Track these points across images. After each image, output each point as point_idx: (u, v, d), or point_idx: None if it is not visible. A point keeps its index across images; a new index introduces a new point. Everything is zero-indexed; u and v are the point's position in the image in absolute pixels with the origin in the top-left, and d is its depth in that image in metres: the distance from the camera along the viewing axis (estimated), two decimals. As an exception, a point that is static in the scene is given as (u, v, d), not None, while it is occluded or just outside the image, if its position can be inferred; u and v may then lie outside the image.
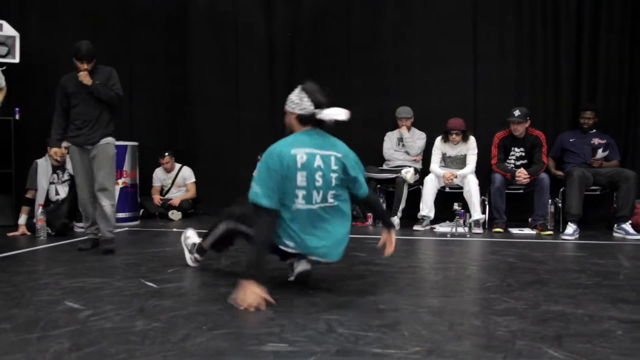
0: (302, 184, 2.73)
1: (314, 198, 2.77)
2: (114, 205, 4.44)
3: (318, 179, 2.76)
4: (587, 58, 6.11)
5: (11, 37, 5.98)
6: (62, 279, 3.29)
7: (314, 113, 2.81)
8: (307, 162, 2.74)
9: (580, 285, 3.12)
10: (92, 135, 4.30)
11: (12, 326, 2.34)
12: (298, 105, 2.85)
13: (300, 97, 2.85)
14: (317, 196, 2.77)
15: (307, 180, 2.73)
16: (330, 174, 2.79)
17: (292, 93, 2.91)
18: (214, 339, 2.16)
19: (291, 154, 2.73)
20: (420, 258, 4.22)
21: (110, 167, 4.39)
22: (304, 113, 2.84)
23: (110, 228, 4.35)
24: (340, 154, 2.86)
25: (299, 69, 6.94)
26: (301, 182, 2.73)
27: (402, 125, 6.19)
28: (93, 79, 4.25)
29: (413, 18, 6.56)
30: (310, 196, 2.75)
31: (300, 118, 2.86)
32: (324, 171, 2.77)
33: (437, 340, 2.15)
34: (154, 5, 7.18)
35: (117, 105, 4.42)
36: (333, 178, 2.80)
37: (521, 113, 5.49)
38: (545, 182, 5.43)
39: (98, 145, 4.31)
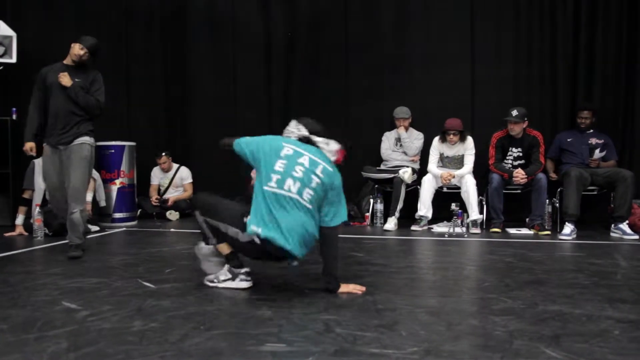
0: (279, 169, 2.81)
1: (288, 184, 2.78)
2: (84, 210, 4.18)
3: (298, 171, 2.81)
4: (584, 58, 6.12)
5: (8, 37, 5.97)
6: (60, 279, 3.28)
7: (308, 137, 2.99)
8: (291, 155, 2.86)
9: (577, 285, 3.13)
10: (65, 135, 4.13)
11: (9, 326, 2.33)
12: (293, 134, 3.04)
13: (295, 125, 3.06)
14: (292, 185, 2.78)
15: (285, 167, 2.81)
16: (312, 175, 2.81)
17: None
18: (212, 339, 2.16)
19: (281, 144, 2.92)
20: (417, 258, 4.23)
21: (84, 169, 4.14)
22: (299, 135, 3.01)
23: (79, 234, 4.11)
24: (331, 169, 2.90)
25: (297, 68, 6.96)
26: (278, 168, 2.81)
27: (400, 126, 6.19)
28: (76, 75, 4.11)
29: (411, 18, 6.56)
30: (283, 182, 2.78)
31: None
32: (306, 169, 2.82)
33: (434, 340, 2.15)
34: (152, 5, 7.18)
35: (94, 114, 4.23)
36: (314, 180, 2.82)
37: (519, 113, 5.50)
38: (543, 182, 5.44)
39: (71, 145, 4.13)
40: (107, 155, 6.18)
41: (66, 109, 4.12)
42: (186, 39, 7.15)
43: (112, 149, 6.20)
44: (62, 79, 4.07)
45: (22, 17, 6.61)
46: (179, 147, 7.21)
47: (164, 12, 7.19)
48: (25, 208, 5.40)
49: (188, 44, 7.15)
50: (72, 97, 4.10)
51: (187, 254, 4.19)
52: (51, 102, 4.14)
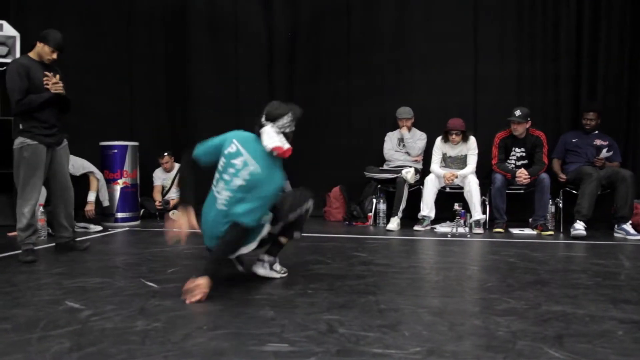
0: (219, 168, 3.00)
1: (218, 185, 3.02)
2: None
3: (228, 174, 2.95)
4: (587, 57, 6.11)
5: (11, 37, 5.97)
6: (63, 279, 3.29)
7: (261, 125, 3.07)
8: (233, 153, 2.98)
9: (581, 285, 3.12)
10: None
11: (12, 326, 2.34)
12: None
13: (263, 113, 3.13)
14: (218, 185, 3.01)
15: (222, 167, 2.99)
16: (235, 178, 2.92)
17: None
18: (215, 339, 2.16)
19: (231, 139, 3.04)
20: (420, 258, 4.22)
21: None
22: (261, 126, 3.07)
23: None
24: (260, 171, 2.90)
25: (299, 69, 6.96)
26: (219, 167, 3.00)
27: (403, 126, 6.19)
28: (47, 71, 4.03)
29: (413, 18, 6.55)
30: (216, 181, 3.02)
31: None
32: (235, 171, 2.93)
33: (437, 341, 2.15)
34: (153, 5, 7.19)
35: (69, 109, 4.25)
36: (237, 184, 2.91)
37: (522, 113, 5.49)
38: (546, 183, 5.42)
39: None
40: (110, 155, 6.19)
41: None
42: (188, 39, 7.15)
43: (115, 149, 6.21)
44: (57, 88, 4.00)
45: (26, 18, 6.62)
46: (181, 147, 7.19)
47: (165, 12, 7.19)
48: (28, 208, 5.40)
49: (190, 44, 7.15)
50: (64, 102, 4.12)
51: (189, 253, 4.19)
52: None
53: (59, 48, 4.09)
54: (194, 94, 7.16)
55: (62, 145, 4.26)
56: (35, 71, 4.00)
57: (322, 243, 4.74)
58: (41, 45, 4.06)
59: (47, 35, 4.06)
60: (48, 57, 4.07)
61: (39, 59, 4.08)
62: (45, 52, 4.06)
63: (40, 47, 4.06)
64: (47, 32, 4.09)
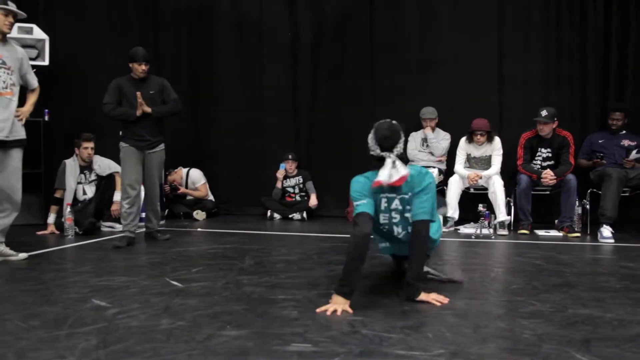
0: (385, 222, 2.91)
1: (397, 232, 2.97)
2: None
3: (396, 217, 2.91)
4: (615, 56, 5.99)
5: (41, 40, 6.10)
6: (90, 277, 3.35)
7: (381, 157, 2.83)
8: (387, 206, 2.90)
9: (609, 288, 3.07)
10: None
11: (41, 323, 2.39)
12: (370, 147, 2.88)
13: (371, 139, 2.87)
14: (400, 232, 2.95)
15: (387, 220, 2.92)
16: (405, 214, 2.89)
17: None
18: (238, 339, 2.18)
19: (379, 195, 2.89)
20: (444, 260, 4.19)
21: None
22: (373, 154, 2.87)
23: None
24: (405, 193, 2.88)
25: (322, 69, 6.96)
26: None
27: (427, 126, 6.16)
28: (148, 88, 4.66)
29: (437, 17, 6.51)
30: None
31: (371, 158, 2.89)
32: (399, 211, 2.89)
33: (461, 343, 2.13)
34: (179, 7, 7.27)
35: (179, 111, 4.97)
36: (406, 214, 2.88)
37: (548, 113, 5.41)
38: (573, 184, 5.33)
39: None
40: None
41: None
42: (213, 41, 7.22)
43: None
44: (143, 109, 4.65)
45: (54, 21, 6.75)
46: (205, 147, 7.29)
47: (191, 13, 7.27)
48: (56, 207, 5.52)
49: (215, 45, 7.22)
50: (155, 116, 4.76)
51: (213, 253, 4.23)
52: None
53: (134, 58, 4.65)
54: (218, 95, 7.23)
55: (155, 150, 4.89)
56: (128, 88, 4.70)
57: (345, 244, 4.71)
58: (131, 65, 4.68)
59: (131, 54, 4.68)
60: (139, 72, 4.68)
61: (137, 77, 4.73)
62: (135, 69, 4.70)
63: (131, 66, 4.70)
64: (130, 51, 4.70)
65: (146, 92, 4.68)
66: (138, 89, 4.65)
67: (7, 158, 3.95)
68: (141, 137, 4.74)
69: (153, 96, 4.74)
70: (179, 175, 6.98)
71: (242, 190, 7.13)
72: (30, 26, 6.07)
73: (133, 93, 4.62)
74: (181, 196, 6.92)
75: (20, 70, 4.05)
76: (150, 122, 4.74)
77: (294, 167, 6.74)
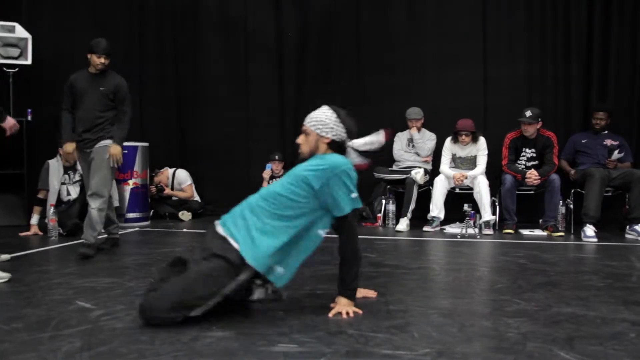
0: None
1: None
2: (102, 209, 4.23)
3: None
4: (598, 57, 6.05)
5: (23, 39, 6.04)
6: (74, 278, 3.31)
7: (343, 141, 2.74)
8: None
9: (592, 287, 3.10)
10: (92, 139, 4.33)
11: (24, 325, 2.36)
12: (332, 130, 2.71)
13: (335, 123, 2.74)
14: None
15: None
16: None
17: (323, 115, 2.77)
18: (224, 340, 2.17)
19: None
20: (430, 259, 4.21)
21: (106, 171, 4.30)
22: (337, 139, 2.72)
23: (94, 232, 4.17)
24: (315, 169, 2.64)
25: (309, 69, 6.96)
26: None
27: (412, 126, 6.18)
28: (100, 83, 4.31)
29: (423, 18, 6.53)
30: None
31: (331, 143, 2.71)
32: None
33: (447, 342, 2.14)
34: (164, 6, 7.23)
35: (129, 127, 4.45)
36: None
37: (532, 114, 5.46)
38: (556, 183, 5.39)
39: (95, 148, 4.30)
40: (120, 155, 6.22)
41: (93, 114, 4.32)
42: (198, 39, 7.18)
43: (126, 150, 6.20)
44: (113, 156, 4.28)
45: (37, 20, 6.68)
46: (190, 147, 7.25)
47: (175, 12, 7.22)
48: (39, 208, 5.46)
49: (200, 44, 7.18)
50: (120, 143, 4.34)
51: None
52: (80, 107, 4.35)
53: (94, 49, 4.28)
54: (203, 95, 7.19)
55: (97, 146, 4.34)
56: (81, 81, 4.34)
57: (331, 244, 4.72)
58: (89, 55, 4.31)
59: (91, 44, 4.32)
60: (96, 64, 4.30)
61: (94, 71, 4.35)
62: (92, 60, 4.31)
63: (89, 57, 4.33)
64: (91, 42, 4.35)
65: (96, 88, 4.29)
66: (92, 83, 4.30)
67: None
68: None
69: (103, 92, 4.30)
70: (165, 176, 6.94)
71: (228, 191, 7.09)
72: (13, 25, 6.00)
73: (85, 89, 4.28)
74: (166, 197, 6.88)
75: None
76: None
77: (280, 168, 6.73)
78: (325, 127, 2.71)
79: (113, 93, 4.32)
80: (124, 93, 4.38)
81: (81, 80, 4.34)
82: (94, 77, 4.33)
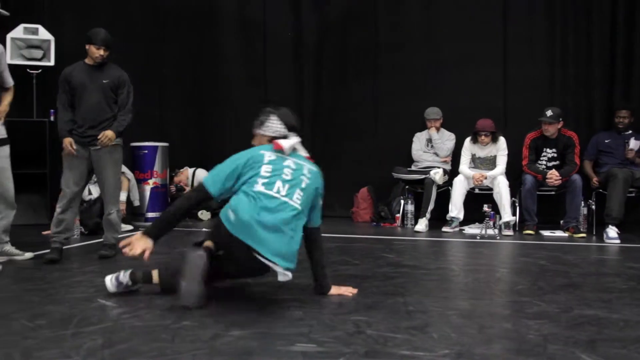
0: (266, 174, 2.65)
1: (278, 187, 2.62)
2: (119, 210, 4.23)
3: (287, 174, 2.68)
4: (621, 56, 5.97)
5: (46, 41, 6.13)
6: (95, 277, 3.35)
7: (285, 135, 2.87)
8: (275, 160, 2.72)
9: (614, 289, 3.05)
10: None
11: (47, 322, 2.39)
12: (270, 128, 2.91)
13: (269, 119, 2.94)
14: (281, 187, 2.62)
15: (272, 172, 2.66)
16: (301, 176, 2.71)
17: (263, 116, 3.01)
18: (243, 338, 2.18)
19: (259, 152, 2.77)
20: (449, 260, 4.18)
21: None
22: (274, 135, 2.87)
23: (115, 234, 4.15)
24: (314, 169, 2.83)
25: (327, 70, 6.96)
26: (265, 173, 2.66)
27: (431, 126, 6.15)
28: (101, 76, 4.04)
29: (441, 18, 6.50)
30: (272, 184, 2.62)
31: (271, 140, 2.85)
32: (294, 170, 2.71)
33: (466, 343, 2.12)
34: (184, 8, 7.28)
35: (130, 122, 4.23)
36: (304, 180, 2.71)
37: (553, 114, 5.39)
38: (578, 184, 5.32)
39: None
40: (140, 155, 6.29)
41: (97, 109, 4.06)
42: (217, 41, 7.22)
43: (146, 150, 6.31)
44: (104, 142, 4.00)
45: (60, 22, 6.78)
46: (210, 148, 7.30)
47: (195, 14, 7.28)
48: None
49: (219, 45, 7.22)
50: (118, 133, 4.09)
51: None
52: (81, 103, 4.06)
53: (100, 43, 4.02)
54: (222, 96, 7.23)
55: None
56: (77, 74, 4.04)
57: (350, 244, 4.73)
58: (87, 47, 4.06)
59: (89, 34, 4.06)
60: (95, 56, 4.04)
61: (92, 62, 4.09)
62: (91, 52, 4.05)
63: (87, 48, 4.06)
64: (89, 31, 4.08)
65: (99, 81, 4.04)
66: (92, 77, 4.03)
67: None
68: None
69: (105, 85, 4.06)
70: (185, 176, 6.98)
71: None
72: (36, 27, 6.10)
73: (84, 83, 4.00)
74: None
75: None
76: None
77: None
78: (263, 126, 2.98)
79: (116, 86, 4.10)
80: (128, 86, 4.17)
81: (78, 74, 4.04)
82: (93, 70, 4.07)
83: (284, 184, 2.64)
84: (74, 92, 4.04)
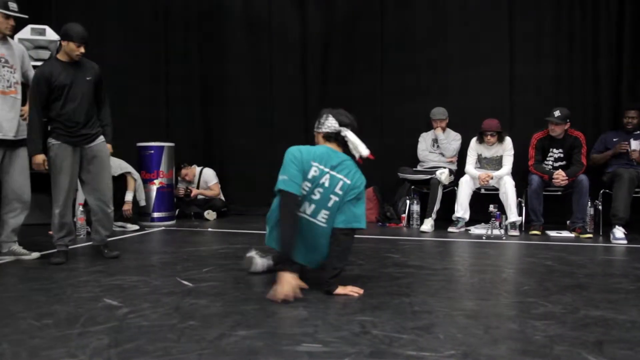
0: (302, 192, 2.89)
1: (305, 206, 2.92)
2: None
3: (316, 193, 2.91)
4: (628, 56, 5.94)
5: (54, 42, 6.15)
6: (101, 276, 3.37)
7: (339, 131, 3.04)
8: (315, 178, 2.92)
9: (621, 290, 3.04)
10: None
11: (54, 321, 2.41)
12: (324, 125, 3.08)
13: (326, 118, 3.09)
14: (307, 207, 2.93)
15: (307, 190, 2.91)
16: (330, 195, 2.91)
17: (320, 117, 3.14)
18: (249, 338, 2.18)
19: (310, 162, 2.92)
20: (455, 260, 4.17)
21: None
22: (329, 131, 3.05)
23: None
24: (349, 182, 2.94)
25: (332, 69, 6.97)
26: (302, 191, 2.89)
27: (437, 127, 6.13)
28: (82, 72, 3.89)
29: (447, 17, 6.49)
30: (302, 203, 2.91)
31: (325, 136, 3.07)
32: (325, 189, 2.91)
33: (472, 344, 2.12)
34: (189, 6, 7.31)
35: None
36: (331, 199, 2.91)
37: (562, 114, 5.37)
38: (585, 184, 5.30)
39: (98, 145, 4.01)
40: (146, 155, 6.31)
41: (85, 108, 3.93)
42: (223, 40, 7.25)
43: (152, 150, 6.33)
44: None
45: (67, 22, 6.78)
46: (216, 147, 7.32)
47: (201, 13, 7.31)
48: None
49: (225, 45, 7.25)
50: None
51: (224, 253, 4.25)
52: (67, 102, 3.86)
53: (73, 37, 3.80)
54: (228, 95, 7.26)
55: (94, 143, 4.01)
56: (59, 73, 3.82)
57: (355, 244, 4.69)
58: (65, 43, 3.83)
59: (67, 31, 3.82)
60: (76, 54, 3.85)
61: (67, 59, 3.88)
62: (70, 49, 3.83)
63: (64, 45, 3.84)
64: (66, 27, 3.85)
65: (82, 78, 3.88)
66: (75, 74, 3.85)
67: (16, 158, 3.97)
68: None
69: (90, 82, 3.93)
70: (192, 173, 7.00)
71: (251, 190, 7.15)
72: (43, 27, 6.12)
73: (67, 82, 3.81)
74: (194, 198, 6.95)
75: (22, 67, 4.06)
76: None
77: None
78: (318, 124, 3.13)
79: (97, 81, 3.98)
80: (103, 81, 4.05)
81: (61, 73, 3.81)
82: (74, 68, 3.87)
83: (310, 204, 2.92)
84: (56, 93, 3.81)
